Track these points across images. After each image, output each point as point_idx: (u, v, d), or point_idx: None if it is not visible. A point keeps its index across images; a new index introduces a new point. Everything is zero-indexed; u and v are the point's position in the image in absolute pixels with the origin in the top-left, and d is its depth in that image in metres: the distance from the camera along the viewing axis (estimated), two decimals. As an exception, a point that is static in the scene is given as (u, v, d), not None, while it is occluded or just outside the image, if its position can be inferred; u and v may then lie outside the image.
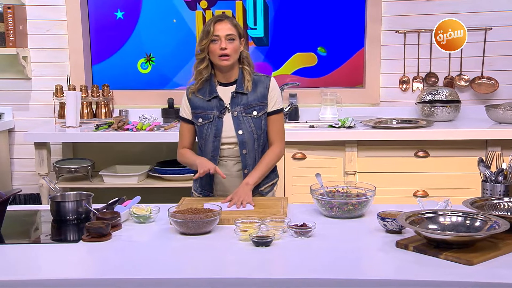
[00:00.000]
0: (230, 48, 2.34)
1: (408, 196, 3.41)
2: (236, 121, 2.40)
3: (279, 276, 1.67)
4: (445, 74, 3.94)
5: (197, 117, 2.44)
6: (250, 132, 2.41)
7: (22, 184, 3.98)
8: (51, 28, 3.93)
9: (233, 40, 2.35)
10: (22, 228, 2.18)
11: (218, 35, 2.34)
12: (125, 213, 2.15)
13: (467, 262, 1.67)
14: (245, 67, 2.43)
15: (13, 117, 3.99)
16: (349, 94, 3.98)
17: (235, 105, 2.41)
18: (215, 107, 2.42)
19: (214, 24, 2.35)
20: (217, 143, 2.41)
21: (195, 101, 2.44)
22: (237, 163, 2.43)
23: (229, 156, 2.43)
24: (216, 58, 2.36)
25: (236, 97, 2.42)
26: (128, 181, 3.57)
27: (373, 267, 1.79)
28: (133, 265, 1.75)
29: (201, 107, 2.43)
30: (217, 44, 2.34)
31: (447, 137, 3.43)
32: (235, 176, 2.44)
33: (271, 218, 2.03)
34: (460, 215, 1.92)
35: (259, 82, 2.44)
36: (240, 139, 2.40)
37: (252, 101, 2.42)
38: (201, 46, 2.37)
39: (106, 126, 3.64)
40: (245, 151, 2.41)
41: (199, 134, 2.45)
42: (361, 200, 2.16)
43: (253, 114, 2.41)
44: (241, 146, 2.40)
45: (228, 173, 2.41)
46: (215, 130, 2.40)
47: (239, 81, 2.42)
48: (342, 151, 3.46)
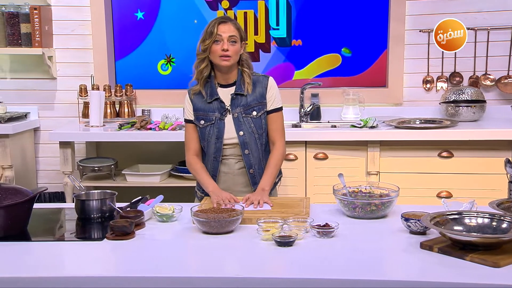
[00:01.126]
0: (232, 49, 2.39)
1: (431, 197, 3.38)
2: (237, 123, 2.45)
3: (302, 276, 1.67)
4: (470, 73, 3.88)
5: (199, 118, 2.48)
6: (251, 133, 2.45)
7: (47, 182, 4.04)
8: (76, 29, 3.98)
9: (235, 42, 2.40)
10: (47, 226, 2.21)
11: (220, 36, 2.39)
12: (148, 212, 2.17)
13: (493, 264, 1.65)
14: (245, 69, 2.48)
15: (38, 116, 4.05)
16: (371, 94, 3.95)
17: (235, 106, 2.46)
18: (216, 109, 2.46)
19: (218, 25, 2.40)
20: (219, 145, 2.45)
21: (196, 103, 2.48)
22: (239, 161, 2.48)
23: (231, 155, 2.48)
24: (217, 58, 2.41)
25: (235, 98, 2.46)
26: (151, 180, 3.60)
27: (397, 268, 1.77)
28: (156, 263, 1.76)
29: (202, 109, 2.47)
30: (219, 45, 2.39)
31: (472, 138, 3.38)
32: (237, 174, 2.49)
33: (293, 218, 2.03)
34: (486, 216, 1.89)
35: (257, 82, 2.49)
36: (241, 140, 2.45)
37: (251, 102, 2.46)
38: (204, 46, 2.42)
39: (129, 126, 3.68)
40: (247, 151, 2.46)
41: (201, 136, 2.49)
42: (384, 200, 2.15)
43: (253, 114, 2.46)
44: (243, 146, 2.45)
45: (230, 171, 2.48)
46: (217, 132, 2.44)
47: (238, 83, 2.47)
48: (365, 151, 3.44)
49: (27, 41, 3.81)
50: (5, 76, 4.05)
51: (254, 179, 2.48)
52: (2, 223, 1.96)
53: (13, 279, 1.69)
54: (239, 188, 2.48)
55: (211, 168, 2.48)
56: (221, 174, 2.48)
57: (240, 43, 2.43)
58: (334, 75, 4.04)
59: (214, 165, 2.48)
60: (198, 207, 2.13)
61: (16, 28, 3.81)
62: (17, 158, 3.82)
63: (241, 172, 2.48)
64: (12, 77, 4.05)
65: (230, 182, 2.48)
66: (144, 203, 2.25)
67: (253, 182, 2.48)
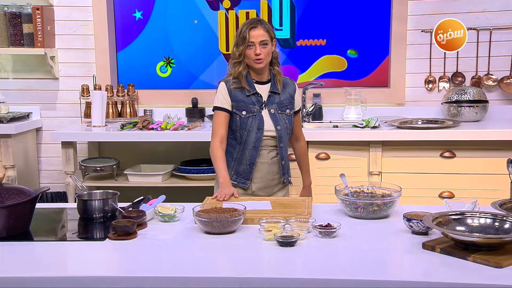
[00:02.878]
0: (264, 52, 2.57)
1: (433, 198, 3.37)
2: (274, 118, 2.64)
3: (304, 276, 1.66)
4: (472, 73, 3.88)
5: (241, 109, 2.62)
6: (285, 128, 2.67)
7: (49, 182, 4.05)
8: (78, 29, 3.99)
9: (266, 44, 2.57)
10: (50, 226, 2.21)
11: (253, 42, 2.55)
12: (150, 212, 2.17)
13: (496, 265, 1.65)
14: (276, 67, 2.68)
15: (40, 116, 4.06)
16: (373, 94, 3.95)
17: (270, 103, 2.65)
18: (256, 102, 2.62)
19: (249, 31, 2.56)
20: (260, 135, 2.62)
21: (236, 94, 2.62)
22: (271, 151, 2.67)
23: (265, 146, 2.65)
24: (251, 62, 2.59)
25: (271, 95, 2.65)
26: (153, 180, 3.60)
27: (399, 268, 1.77)
28: (158, 263, 1.76)
29: (242, 101, 2.62)
30: (252, 49, 2.56)
31: (474, 138, 3.38)
32: (271, 164, 2.67)
33: (295, 218, 2.03)
34: (488, 216, 1.88)
35: (286, 84, 2.71)
36: (278, 134, 2.65)
37: (284, 100, 2.67)
38: (239, 52, 2.58)
39: (131, 126, 3.68)
40: (282, 144, 2.67)
41: (241, 126, 2.62)
42: (386, 200, 2.14)
43: (287, 112, 2.67)
44: (279, 140, 2.65)
45: (264, 160, 2.66)
46: (259, 122, 2.62)
47: (272, 81, 2.66)
48: (367, 151, 3.43)
49: (30, 41, 3.82)
50: (7, 76, 4.06)
51: (284, 169, 2.70)
52: (5, 223, 1.96)
53: (16, 279, 1.69)
54: (272, 176, 2.68)
55: (249, 156, 2.63)
56: (258, 163, 2.64)
57: (271, 43, 2.59)
58: (339, 78, 4.02)
59: (253, 153, 2.63)
60: (200, 207, 2.13)
61: (19, 28, 3.81)
62: (20, 158, 3.83)
63: (274, 161, 2.67)
64: (14, 77, 4.05)
65: (265, 171, 2.66)
66: (146, 203, 2.25)
67: (283, 172, 2.69)
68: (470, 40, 3.75)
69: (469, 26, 3.73)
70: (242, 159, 2.64)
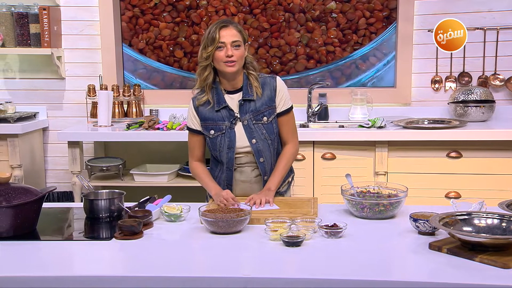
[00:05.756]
0: (236, 54, 2.28)
1: (440, 198, 3.36)
2: (248, 130, 2.36)
3: (310, 276, 1.66)
4: (479, 73, 3.86)
5: (208, 128, 2.39)
6: (263, 140, 2.37)
7: (55, 182, 4.06)
8: (85, 29, 4.00)
9: (238, 46, 2.30)
10: (56, 225, 2.22)
11: (224, 42, 2.27)
12: (157, 211, 2.17)
13: (503, 266, 1.64)
14: (250, 71, 2.37)
15: (47, 116, 4.07)
16: (379, 93, 3.94)
17: (244, 113, 2.36)
18: (225, 118, 2.36)
19: (219, 31, 2.28)
20: (231, 154, 2.37)
21: (203, 112, 2.38)
22: (255, 169, 2.41)
23: (246, 163, 2.41)
24: (221, 65, 2.30)
25: (244, 104, 2.36)
26: (158, 180, 3.60)
27: (406, 269, 1.76)
28: (164, 263, 1.76)
29: (211, 118, 2.38)
30: (223, 51, 2.28)
31: (481, 138, 3.36)
32: (254, 182, 2.43)
33: (301, 218, 2.02)
34: (495, 217, 1.87)
35: (264, 85, 2.39)
36: (254, 148, 2.37)
37: (261, 107, 2.37)
38: (207, 54, 2.30)
39: (137, 125, 3.69)
40: (262, 159, 2.39)
41: (212, 146, 2.41)
42: (393, 201, 2.14)
43: (263, 120, 2.37)
44: (257, 154, 2.38)
45: (247, 179, 2.42)
46: (229, 141, 2.36)
47: (245, 88, 2.37)
48: (373, 151, 3.43)
49: (36, 41, 3.83)
50: (14, 76, 4.08)
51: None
52: (12, 222, 1.97)
53: (22, 278, 1.70)
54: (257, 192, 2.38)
55: (226, 178, 2.42)
56: (237, 183, 2.42)
57: (243, 46, 2.32)
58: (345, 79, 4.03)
59: (228, 174, 2.41)
60: (206, 207, 2.13)
61: (25, 28, 3.83)
62: (26, 157, 3.85)
63: (258, 180, 2.42)
64: (21, 77, 4.07)
65: (248, 190, 2.41)
66: (152, 203, 2.25)
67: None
68: (477, 40, 3.73)
69: (476, 25, 3.71)
70: (220, 179, 2.42)
